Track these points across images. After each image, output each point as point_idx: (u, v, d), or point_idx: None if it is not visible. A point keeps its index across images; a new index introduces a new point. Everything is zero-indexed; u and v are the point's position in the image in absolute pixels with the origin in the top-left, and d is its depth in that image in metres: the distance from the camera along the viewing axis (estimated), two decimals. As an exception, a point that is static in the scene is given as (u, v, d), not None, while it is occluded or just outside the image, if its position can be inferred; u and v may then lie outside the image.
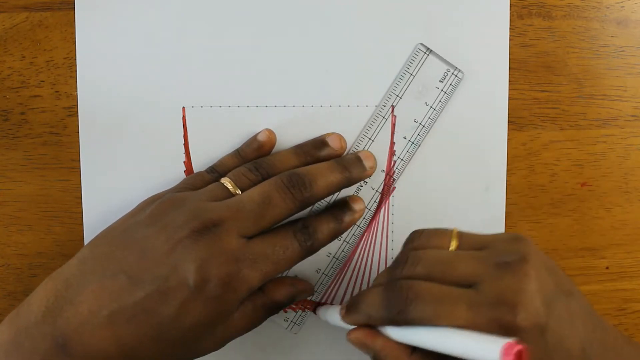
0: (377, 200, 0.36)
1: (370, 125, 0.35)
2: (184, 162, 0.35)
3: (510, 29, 0.35)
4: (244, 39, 0.35)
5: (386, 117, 0.35)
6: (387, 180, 0.36)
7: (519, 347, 0.21)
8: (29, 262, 0.36)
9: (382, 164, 0.36)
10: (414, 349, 0.27)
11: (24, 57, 0.35)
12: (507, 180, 0.36)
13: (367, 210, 0.36)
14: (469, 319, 0.25)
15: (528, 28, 0.36)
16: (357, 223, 0.35)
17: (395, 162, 0.36)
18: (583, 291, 0.37)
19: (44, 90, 0.35)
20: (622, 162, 0.37)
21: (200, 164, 0.35)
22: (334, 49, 0.35)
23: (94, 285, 0.28)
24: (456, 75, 0.35)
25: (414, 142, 0.35)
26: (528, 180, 0.36)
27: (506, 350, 0.21)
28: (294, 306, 0.36)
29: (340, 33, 0.35)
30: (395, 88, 0.35)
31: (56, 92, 0.35)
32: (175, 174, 0.35)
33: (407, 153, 0.35)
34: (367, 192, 0.36)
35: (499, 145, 0.36)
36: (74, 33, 0.35)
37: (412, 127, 0.35)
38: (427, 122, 0.35)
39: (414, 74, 0.35)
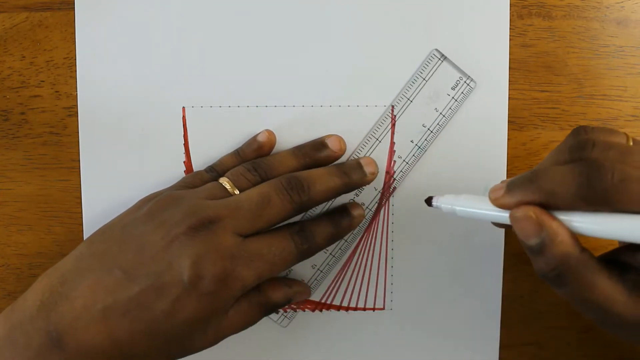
0: (377, 200, 0.36)
1: (379, 127, 0.35)
2: (184, 162, 0.35)
3: (510, 29, 0.35)
4: (244, 39, 0.35)
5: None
6: (387, 180, 0.36)
7: None
8: (29, 262, 0.36)
9: (383, 164, 0.36)
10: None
11: (24, 57, 0.35)
12: (507, 180, 0.36)
13: (367, 210, 0.36)
14: None
15: (528, 28, 0.36)
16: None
17: (395, 162, 0.36)
18: (583, 291, 0.37)
19: (44, 90, 0.35)
20: (622, 162, 0.36)
21: (200, 164, 0.35)
22: (334, 49, 0.35)
23: (89, 280, 0.28)
24: (468, 84, 0.35)
25: (421, 147, 0.35)
26: (528, 180, 0.36)
27: None
28: (294, 306, 0.36)
29: (340, 33, 0.35)
30: (406, 92, 0.35)
31: (56, 92, 0.35)
32: (175, 174, 0.35)
33: (413, 157, 0.35)
34: (367, 192, 0.36)
35: (499, 145, 0.36)
36: (74, 33, 0.35)
37: (420, 132, 0.35)
38: (436, 128, 0.35)
39: (426, 79, 0.35)
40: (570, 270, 0.24)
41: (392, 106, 0.35)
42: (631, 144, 0.26)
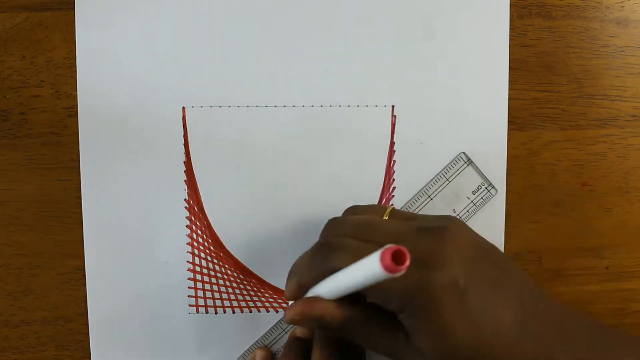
0: (377, 200, 0.36)
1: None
2: (184, 162, 0.35)
3: (510, 29, 0.35)
4: (244, 39, 0.35)
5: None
6: (387, 180, 0.36)
7: (395, 247, 0.21)
8: (29, 262, 0.36)
9: (382, 164, 0.36)
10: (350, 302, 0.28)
11: (24, 57, 0.35)
12: (507, 180, 0.36)
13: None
14: None
15: (528, 28, 0.36)
16: None
17: (395, 161, 0.36)
18: (583, 291, 0.37)
19: (44, 90, 0.35)
20: (622, 162, 0.37)
21: (200, 164, 0.35)
22: (334, 48, 0.35)
23: None
24: (489, 190, 0.36)
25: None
26: (528, 180, 0.36)
27: (383, 255, 0.21)
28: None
29: (340, 33, 0.35)
30: (428, 189, 0.35)
31: (56, 92, 0.35)
32: (175, 174, 0.35)
33: None
34: (367, 192, 0.36)
35: (499, 145, 0.36)
36: (74, 33, 0.35)
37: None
38: None
39: (449, 179, 0.35)
40: (350, 330, 0.28)
41: (393, 106, 0.35)
42: (385, 216, 0.30)
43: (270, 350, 0.36)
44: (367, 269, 0.22)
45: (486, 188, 0.36)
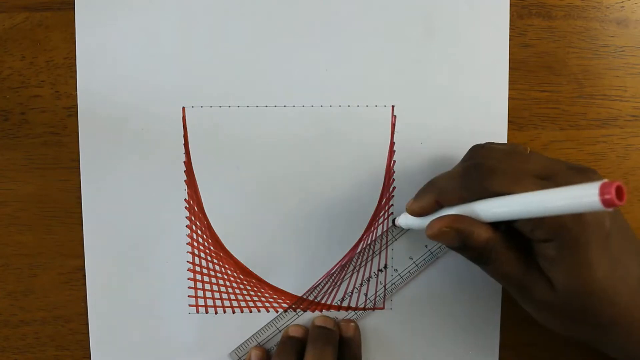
0: (377, 201, 0.36)
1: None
2: (184, 162, 0.35)
3: (510, 29, 0.35)
4: (244, 39, 0.35)
5: None
6: (387, 180, 0.36)
7: (617, 183, 0.20)
8: (29, 262, 0.36)
9: (382, 164, 0.36)
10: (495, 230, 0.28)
11: (24, 57, 0.35)
12: (507, 180, 0.36)
13: (367, 210, 0.36)
14: None
15: (528, 28, 0.36)
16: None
17: (395, 161, 0.36)
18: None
19: (44, 90, 0.35)
20: (622, 162, 0.36)
21: (200, 164, 0.35)
22: (334, 48, 0.35)
23: None
24: None
25: (418, 265, 0.36)
26: (528, 180, 0.36)
27: (604, 189, 0.20)
28: (294, 306, 0.36)
29: (339, 33, 0.35)
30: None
31: (56, 92, 0.35)
32: (175, 174, 0.35)
33: (409, 273, 0.36)
34: (367, 192, 0.36)
35: (499, 145, 0.36)
36: (74, 33, 0.35)
37: (421, 250, 0.36)
38: (436, 251, 0.36)
39: None
40: (490, 252, 0.28)
41: (393, 106, 0.35)
42: (526, 150, 0.30)
43: (265, 349, 0.36)
44: (577, 200, 0.22)
45: None
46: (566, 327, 0.29)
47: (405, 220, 0.33)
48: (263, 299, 0.36)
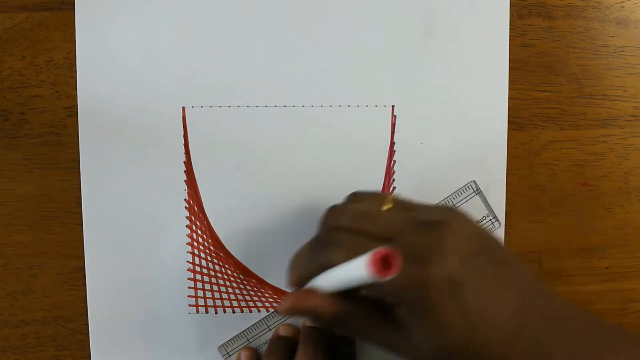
0: (377, 200, 0.36)
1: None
2: (184, 162, 0.35)
3: (510, 29, 0.35)
4: (244, 38, 0.35)
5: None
6: (387, 180, 0.36)
7: (384, 251, 0.20)
8: (29, 262, 0.36)
9: (382, 164, 0.36)
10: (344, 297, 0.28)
11: (24, 57, 0.35)
12: (507, 180, 0.36)
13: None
14: None
15: (528, 28, 0.36)
16: None
17: (395, 162, 0.36)
18: (583, 291, 0.37)
19: (44, 90, 0.35)
20: (622, 162, 0.37)
21: (200, 164, 0.35)
22: (333, 48, 0.35)
23: None
24: (492, 223, 0.36)
25: None
26: (528, 180, 0.36)
27: (372, 259, 0.20)
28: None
29: (339, 33, 0.35)
30: None
31: (56, 92, 0.35)
32: (175, 174, 0.35)
33: None
34: (367, 192, 0.36)
35: (499, 145, 0.36)
36: (74, 33, 0.35)
37: None
38: None
39: (456, 205, 0.36)
40: (345, 322, 0.28)
41: (393, 106, 0.35)
42: (387, 206, 0.29)
43: (254, 349, 0.36)
44: (357, 271, 0.22)
45: (490, 220, 0.36)
46: None
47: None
48: (263, 299, 0.36)
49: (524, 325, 0.25)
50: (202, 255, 0.36)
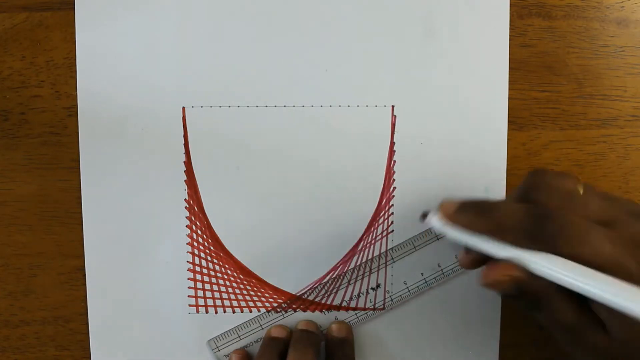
0: (377, 200, 0.36)
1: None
2: (184, 162, 0.35)
3: (510, 29, 0.35)
4: (244, 39, 0.35)
5: None
6: (387, 180, 0.36)
7: None
8: (29, 262, 0.36)
9: (382, 164, 0.36)
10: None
11: (24, 57, 0.35)
12: (507, 180, 0.36)
13: (367, 210, 0.36)
14: (613, 254, 0.25)
15: (528, 28, 0.36)
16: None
17: (395, 162, 0.36)
18: (583, 291, 0.37)
19: (44, 90, 0.35)
20: (622, 162, 0.37)
21: (200, 164, 0.35)
22: (333, 48, 0.35)
23: None
24: None
25: (428, 282, 0.36)
26: (528, 180, 0.36)
27: None
28: (294, 306, 0.36)
29: (339, 32, 0.35)
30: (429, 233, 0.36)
31: (56, 92, 0.35)
32: (175, 174, 0.35)
33: (417, 288, 0.36)
34: (367, 191, 0.36)
35: (499, 145, 0.36)
36: (74, 33, 0.35)
37: (433, 269, 0.36)
38: (448, 272, 0.36)
39: None
40: (545, 299, 0.27)
41: (393, 106, 0.35)
42: (580, 189, 0.28)
43: (246, 351, 0.36)
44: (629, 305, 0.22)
45: None
46: None
47: (439, 224, 0.29)
48: (263, 299, 0.36)
49: None
50: (202, 255, 0.36)
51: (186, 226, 0.36)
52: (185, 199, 0.35)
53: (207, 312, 0.36)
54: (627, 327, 0.25)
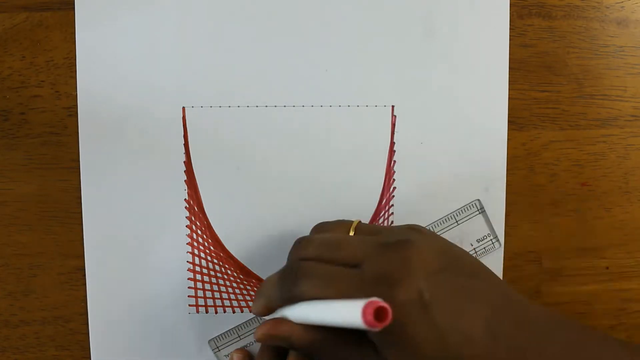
0: (377, 200, 0.36)
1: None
2: (184, 162, 0.35)
3: (510, 29, 0.35)
4: (244, 38, 0.35)
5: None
6: (387, 180, 0.36)
7: (379, 304, 0.21)
8: (29, 262, 0.36)
9: (382, 164, 0.36)
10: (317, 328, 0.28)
11: (24, 57, 0.35)
12: (507, 180, 0.36)
13: (367, 209, 0.36)
14: (352, 296, 0.25)
15: (528, 28, 0.36)
16: None
17: (395, 162, 0.36)
18: (582, 291, 0.37)
19: (44, 90, 0.35)
20: (622, 162, 0.37)
21: (200, 164, 0.35)
22: (333, 48, 0.35)
23: None
24: (493, 243, 0.36)
25: None
26: (528, 180, 0.36)
27: (365, 309, 0.21)
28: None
29: (339, 32, 0.35)
30: (436, 226, 0.36)
31: (56, 92, 0.35)
32: (175, 174, 0.35)
33: None
34: (367, 191, 0.36)
35: (499, 145, 0.36)
36: (74, 33, 0.35)
37: None
38: None
39: (459, 222, 0.36)
40: (319, 350, 0.28)
41: (393, 106, 0.35)
42: (351, 232, 0.30)
43: (248, 352, 0.36)
44: (345, 317, 0.23)
45: (491, 240, 0.36)
46: None
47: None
48: (263, 299, 0.36)
49: (498, 335, 0.26)
50: (202, 255, 0.36)
51: (186, 226, 0.36)
52: (185, 199, 0.35)
53: (207, 312, 0.36)
54: (399, 356, 0.26)
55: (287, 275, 0.29)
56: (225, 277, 0.36)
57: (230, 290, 0.36)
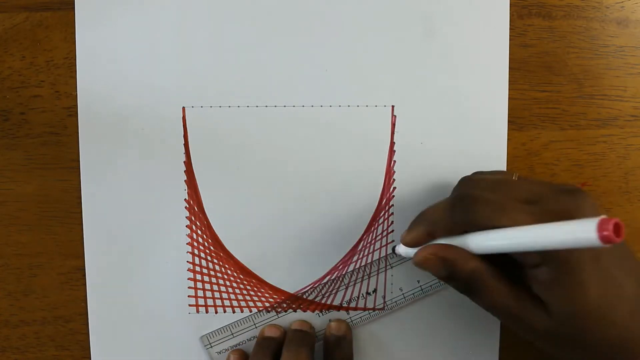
0: (377, 200, 0.36)
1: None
2: (184, 162, 0.35)
3: (510, 29, 0.35)
4: (244, 38, 0.35)
5: None
6: (387, 180, 0.36)
7: (614, 220, 0.20)
8: (29, 262, 0.36)
9: (382, 164, 0.36)
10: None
11: (24, 57, 0.35)
12: (507, 180, 0.36)
13: (367, 210, 0.36)
14: (528, 222, 0.25)
15: (528, 28, 0.36)
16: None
17: (395, 162, 0.36)
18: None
19: (44, 90, 0.35)
20: (622, 162, 0.37)
21: (200, 164, 0.35)
22: (334, 48, 0.35)
23: None
24: None
25: (424, 290, 0.36)
26: (528, 180, 0.36)
27: (602, 225, 0.20)
28: (294, 306, 0.36)
29: (339, 32, 0.35)
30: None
31: (56, 92, 0.35)
32: (175, 174, 0.35)
33: (412, 295, 0.36)
34: (367, 191, 0.36)
35: (499, 145, 0.36)
36: (74, 33, 0.35)
37: (427, 275, 0.35)
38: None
39: None
40: (476, 282, 0.28)
41: (393, 106, 0.35)
42: (514, 178, 0.30)
43: (244, 352, 0.36)
44: (573, 236, 0.22)
45: None
46: (567, 353, 0.28)
47: (404, 249, 0.33)
48: (263, 299, 0.36)
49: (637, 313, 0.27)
50: (202, 255, 0.36)
51: (186, 226, 0.36)
52: (185, 199, 0.35)
53: (207, 312, 0.36)
54: (563, 300, 0.26)
55: (459, 204, 0.28)
56: (225, 277, 0.36)
57: (230, 290, 0.36)
